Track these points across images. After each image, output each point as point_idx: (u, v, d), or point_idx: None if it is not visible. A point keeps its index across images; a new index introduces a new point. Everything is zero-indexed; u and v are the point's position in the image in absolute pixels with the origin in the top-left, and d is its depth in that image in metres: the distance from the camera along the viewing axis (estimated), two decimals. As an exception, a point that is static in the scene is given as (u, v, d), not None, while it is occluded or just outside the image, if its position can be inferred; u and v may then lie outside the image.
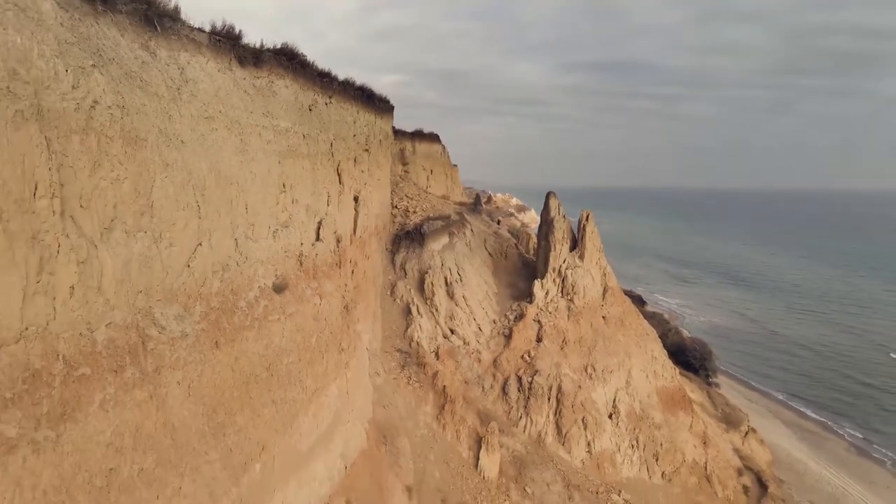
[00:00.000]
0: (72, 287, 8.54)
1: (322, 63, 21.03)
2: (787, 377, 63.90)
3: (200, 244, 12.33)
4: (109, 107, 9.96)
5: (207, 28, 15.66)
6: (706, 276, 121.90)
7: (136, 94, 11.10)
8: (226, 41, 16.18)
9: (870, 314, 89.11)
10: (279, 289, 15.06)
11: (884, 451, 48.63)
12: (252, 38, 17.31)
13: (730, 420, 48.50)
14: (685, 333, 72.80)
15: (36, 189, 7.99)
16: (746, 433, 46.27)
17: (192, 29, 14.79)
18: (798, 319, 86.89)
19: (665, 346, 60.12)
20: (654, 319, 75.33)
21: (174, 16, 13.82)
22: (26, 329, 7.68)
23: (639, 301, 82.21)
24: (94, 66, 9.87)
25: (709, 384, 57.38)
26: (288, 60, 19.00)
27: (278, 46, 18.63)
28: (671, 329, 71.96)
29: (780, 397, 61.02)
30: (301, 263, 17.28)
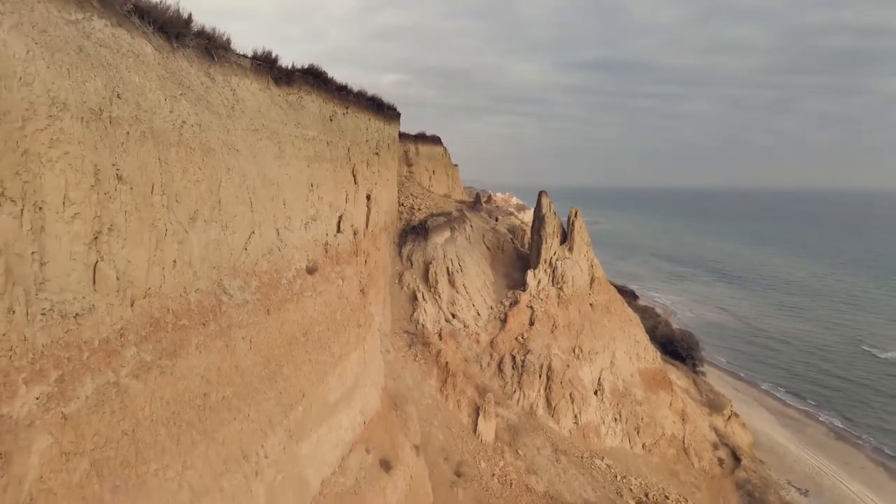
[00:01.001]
0: (174, 261, 11.38)
1: (322, 63, 23.62)
2: (772, 369, 65.81)
3: (253, 232, 15.15)
4: (192, 125, 12.78)
5: (250, 54, 18.53)
6: (701, 274, 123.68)
7: (206, 114, 13.94)
8: (264, 64, 19.02)
9: (857, 311, 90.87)
10: (311, 270, 17.90)
11: (864, 436, 50.53)
12: (285, 60, 20.11)
13: (713, 405, 51.17)
14: (674, 325, 75.65)
15: (152, 189, 10.83)
16: (729, 417, 48.93)
17: (238, 56, 17.64)
18: (787, 316, 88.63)
19: (655, 338, 63.08)
20: (646, 313, 78.22)
21: (226, 46, 16.69)
22: (149, 289, 10.52)
23: (632, 296, 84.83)
24: (181, 94, 12.71)
25: (695, 372, 60.12)
26: (314, 78, 21.81)
27: (306, 66, 21.45)
28: (661, 322, 74.83)
29: (765, 387, 63.01)
30: (326, 251, 20.13)
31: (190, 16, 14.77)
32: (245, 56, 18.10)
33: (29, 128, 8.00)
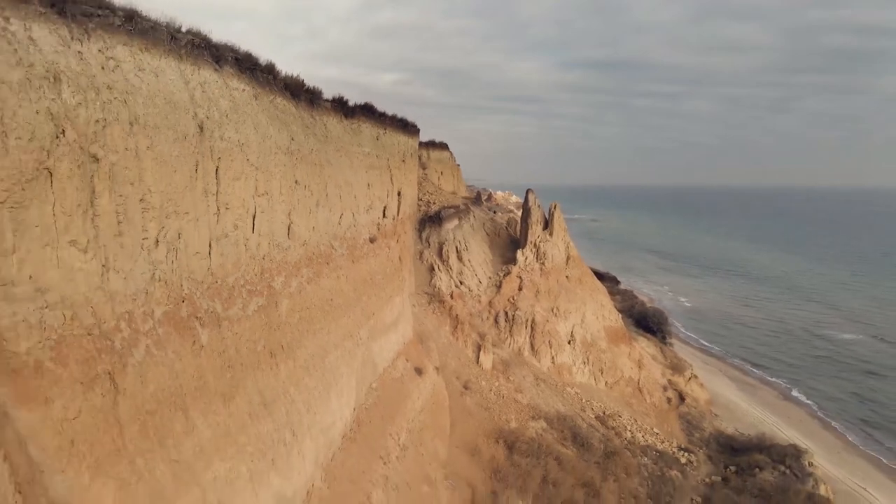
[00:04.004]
0: (313, 227, 19.38)
1: (321, 62, 31.20)
2: (741, 347, 71.65)
3: (342, 214, 23.12)
4: (315, 150, 20.76)
5: (331, 97, 26.42)
6: (690, 268, 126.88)
7: (318, 142, 21.92)
8: (338, 104, 26.93)
9: (828, 301, 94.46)
10: (372, 240, 25.91)
11: (810, 399, 56.91)
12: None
13: (676, 367, 58.77)
14: (648, 304, 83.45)
15: (305, 187, 18.81)
16: (689, 378, 56.42)
17: (326, 100, 25.55)
18: (763, 304, 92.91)
19: (632, 315, 71.20)
20: (626, 295, 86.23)
21: (319, 95, 24.59)
22: (305, 241, 18.51)
23: (614, 281, 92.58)
24: (308, 132, 20.69)
25: (664, 343, 67.88)
26: (367, 111, 29.68)
27: (362, 104, 29.30)
28: (637, 302, 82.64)
29: (731, 361, 67.78)
30: (378, 229, 28.08)
31: (303, 80, 22.69)
32: (328, 100, 26.04)
33: (270, 159, 16.01)
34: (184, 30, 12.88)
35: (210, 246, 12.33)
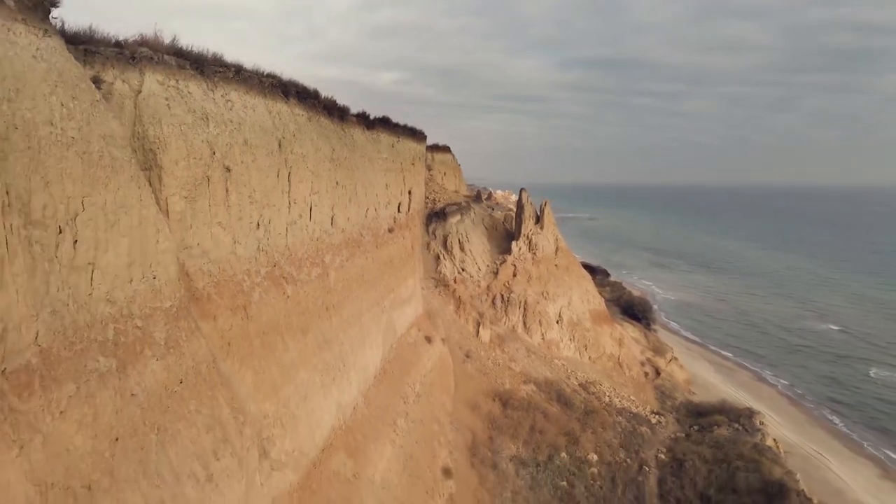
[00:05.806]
0: (347, 218, 23.68)
1: (320, 61, 35.01)
2: (724, 335, 74.38)
3: (367, 209, 27.43)
4: (348, 157, 25.06)
5: (355, 113, 30.64)
6: (683, 265, 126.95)
7: (349, 151, 26.21)
8: (362, 118, 31.19)
9: (811, 296, 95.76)
10: (390, 230, 30.21)
11: (781, 380, 59.15)
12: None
13: (658, 350, 62.63)
14: (634, 294, 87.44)
15: (342, 186, 23.12)
16: (670, 360, 60.30)
17: (352, 115, 29.81)
18: (749, 298, 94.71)
19: (619, 304, 75.22)
20: (615, 286, 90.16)
21: (348, 110, 28.86)
22: (343, 229, 22.83)
23: (604, 274, 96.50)
24: (344, 143, 24.97)
25: (648, 329, 71.94)
26: (384, 123, 33.91)
27: (380, 116, 33.53)
28: (625, 292, 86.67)
29: (713, 347, 70.91)
30: (395, 221, 32.38)
31: (335, 100, 26.92)
32: (353, 115, 30.30)
33: (320, 166, 20.32)
34: (265, 73, 17.22)
35: (286, 229, 16.67)
